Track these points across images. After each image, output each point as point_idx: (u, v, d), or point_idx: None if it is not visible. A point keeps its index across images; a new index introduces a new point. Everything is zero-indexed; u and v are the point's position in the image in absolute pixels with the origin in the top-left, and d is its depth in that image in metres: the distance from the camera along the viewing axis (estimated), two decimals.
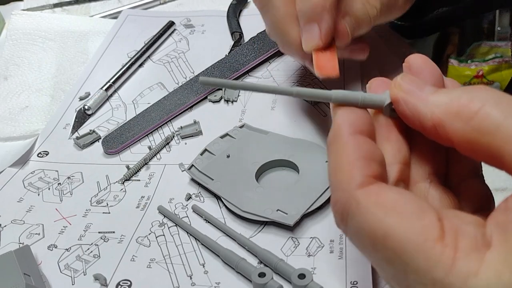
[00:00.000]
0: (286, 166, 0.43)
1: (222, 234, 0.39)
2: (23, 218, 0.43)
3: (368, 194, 0.24)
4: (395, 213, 0.23)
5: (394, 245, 0.22)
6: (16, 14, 0.67)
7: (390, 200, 0.23)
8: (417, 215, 0.23)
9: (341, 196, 0.25)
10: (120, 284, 0.37)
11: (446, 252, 0.21)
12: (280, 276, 0.35)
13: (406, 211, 0.23)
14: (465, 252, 0.21)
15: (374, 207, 0.23)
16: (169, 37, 0.64)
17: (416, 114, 0.25)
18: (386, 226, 0.23)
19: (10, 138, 0.52)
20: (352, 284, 0.34)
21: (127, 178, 0.45)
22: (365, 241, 0.24)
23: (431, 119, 0.25)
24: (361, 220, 0.24)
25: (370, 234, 0.23)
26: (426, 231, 0.22)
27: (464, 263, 0.21)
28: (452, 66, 1.39)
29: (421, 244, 0.22)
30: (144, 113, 0.51)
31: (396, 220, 0.23)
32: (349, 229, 0.25)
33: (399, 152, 0.27)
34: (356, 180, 0.24)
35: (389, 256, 0.23)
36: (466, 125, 0.23)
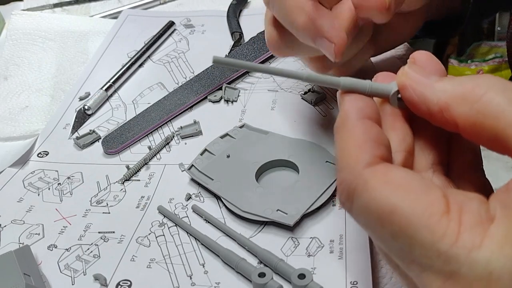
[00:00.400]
0: (286, 166, 0.43)
1: (222, 234, 0.39)
2: (23, 218, 0.43)
3: (375, 172, 0.24)
4: (402, 190, 0.23)
5: (400, 220, 0.23)
6: (16, 14, 0.67)
7: (397, 178, 0.24)
8: (423, 192, 0.23)
9: (348, 175, 0.25)
10: (120, 284, 0.37)
11: (451, 225, 0.22)
12: (280, 276, 0.35)
13: (413, 188, 0.24)
14: (469, 226, 0.22)
15: (381, 184, 0.24)
16: (169, 37, 0.64)
17: (422, 99, 0.26)
18: (393, 202, 0.23)
19: (10, 138, 0.52)
20: (352, 284, 0.34)
21: (127, 178, 0.45)
22: (372, 217, 0.24)
23: (437, 103, 0.25)
24: (368, 197, 0.24)
25: (377, 210, 0.24)
26: (432, 206, 0.23)
27: (468, 236, 0.22)
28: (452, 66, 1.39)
29: (427, 218, 0.22)
30: (144, 113, 0.52)
31: (403, 196, 0.23)
32: (354, 208, 0.25)
33: (404, 140, 0.28)
34: (364, 159, 0.25)
35: (395, 231, 0.23)
36: (471, 109, 0.24)
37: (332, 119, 0.48)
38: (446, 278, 0.22)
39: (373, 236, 0.25)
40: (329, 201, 0.40)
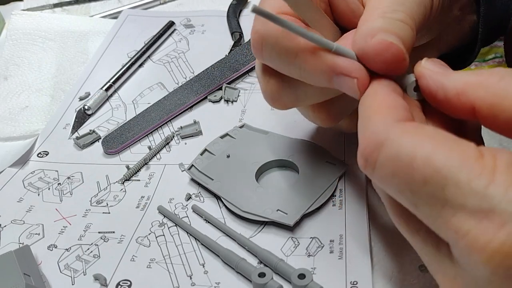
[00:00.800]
0: (286, 166, 0.43)
1: (222, 234, 0.39)
2: (23, 218, 0.43)
3: (407, 125, 0.25)
4: (435, 138, 0.24)
5: (435, 163, 0.23)
6: (16, 14, 0.67)
7: (429, 131, 0.24)
8: (457, 141, 0.24)
9: (378, 129, 0.25)
10: (120, 284, 0.37)
11: (487, 166, 0.22)
12: (280, 276, 0.35)
13: (446, 138, 0.24)
14: (505, 167, 0.22)
15: (414, 134, 0.24)
16: (169, 37, 0.64)
17: (440, 85, 0.27)
18: (428, 147, 0.23)
19: (10, 138, 0.52)
20: (352, 284, 0.34)
21: (127, 178, 0.45)
22: (402, 164, 0.24)
23: (455, 88, 0.26)
24: (400, 144, 0.24)
25: (410, 156, 0.24)
26: (467, 151, 0.23)
27: (505, 175, 0.22)
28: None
29: (463, 160, 0.23)
30: (144, 113, 0.52)
31: (438, 143, 0.24)
32: (380, 160, 0.25)
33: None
34: (394, 115, 0.25)
35: (429, 174, 0.23)
36: (488, 92, 0.25)
37: None
38: (481, 217, 0.22)
39: (400, 186, 0.25)
40: (329, 201, 0.40)
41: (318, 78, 0.31)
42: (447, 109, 0.27)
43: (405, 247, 0.36)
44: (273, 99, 0.35)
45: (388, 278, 0.35)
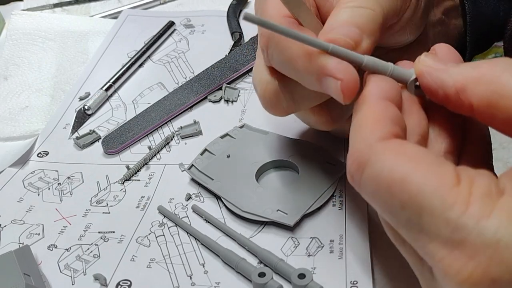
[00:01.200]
0: (286, 166, 0.43)
1: (222, 234, 0.39)
2: (23, 218, 0.43)
3: (389, 145, 0.25)
4: (414, 161, 0.24)
5: (411, 188, 0.23)
6: (16, 14, 0.67)
7: (409, 151, 0.25)
8: (435, 164, 0.24)
9: (361, 146, 0.26)
10: (120, 284, 0.37)
11: (461, 196, 0.22)
12: (280, 276, 0.35)
13: (425, 160, 0.24)
14: (480, 197, 0.22)
15: (394, 155, 0.24)
16: (169, 37, 0.64)
17: (439, 83, 0.27)
18: (405, 171, 0.24)
19: (10, 138, 0.52)
20: (352, 284, 0.34)
21: (127, 178, 0.45)
22: (382, 186, 0.24)
23: (454, 85, 0.26)
24: (380, 166, 0.24)
25: (388, 179, 0.24)
26: (443, 177, 0.23)
27: (478, 206, 0.22)
28: None
29: (438, 188, 0.23)
30: (144, 113, 0.52)
31: (415, 166, 0.24)
32: (364, 178, 0.25)
33: (419, 124, 0.29)
34: (379, 133, 0.26)
35: (405, 199, 0.23)
36: (487, 89, 0.24)
37: None
38: (453, 247, 0.22)
39: (381, 207, 0.25)
40: (329, 201, 0.40)
41: (310, 80, 0.31)
42: (447, 105, 0.27)
43: None
44: (271, 105, 0.35)
45: (388, 278, 0.35)
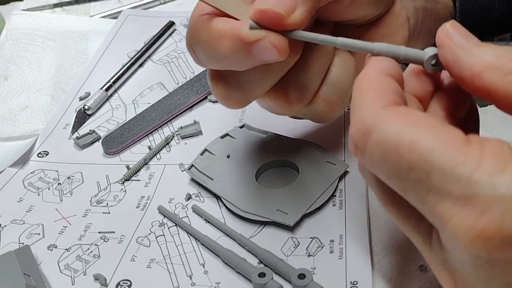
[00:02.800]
0: (286, 166, 0.43)
1: (222, 234, 0.39)
2: (23, 218, 0.43)
3: (393, 111, 0.25)
4: (422, 124, 0.24)
5: (420, 148, 0.23)
6: (16, 14, 0.67)
7: (416, 116, 0.24)
8: (443, 126, 0.24)
9: (366, 114, 0.25)
10: (120, 284, 0.37)
11: (473, 153, 0.22)
12: (280, 276, 0.35)
13: (433, 124, 0.24)
14: (492, 154, 0.22)
15: (401, 119, 0.24)
16: (169, 37, 0.64)
17: (457, 62, 0.26)
18: (414, 132, 0.23)
19: (10, 138, 0.52)
20: (352, 284, 0.34)
21: (127, 178, 0.45)
22: (389, 149, 0.24)
23: (471, 69, 0.25)
24: (388, 130, 0.24)
25: (396, 141, 0.24)
26: (453, 137, 0.23)
27: (491, 161, 0.22)
28: None
29: (449, 146, 0.22)
30: (144, 113, 0.52)
31: (424, 128, 0.23)
32: (370, 144, 0.25)
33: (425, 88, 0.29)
34: (382, 101, 0.25)
35: (414, 159, 0.23)
36: (504, 79, 0.24)
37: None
38: (464, 204, 0.22)
39: (388, 171, 0.25)
40: (329, 201, 0.40)
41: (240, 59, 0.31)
42: (461, 84, 0.27)
43: (405, 247, 0.36)
44: (224, 99, 0.35)
45: (388, 278, 0.35)
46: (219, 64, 0.33)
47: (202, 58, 0.34)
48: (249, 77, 0.33)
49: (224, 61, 0.32)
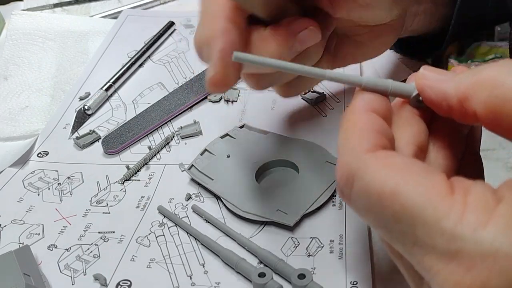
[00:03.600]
0: (286, 166, 0.43)
1: (222, 234, 0.39)
2: (23, 218, 0.43)
3: (376, 157, 0.24)
4: (404, 171, 0.23)
5: (403, 200, 0.22)
6: (16, 14, 0.67)
7: (398, 162, 0.24)
8: (426, 174, 0.23)
9: (349, 159, 0.25)
10: (120, 284, 0.37)
11: (456, 205, 0.22)
12: (280, 276, 0.35)
13: (415, 170, 0.23)
14: (475, 206, 0.21)
15: (383, 166, 0.24)
16: (169, 37, 0.64)
17: (441, 94, 0.26)
18: (395, 183, 0.23)
19: (10, 138, 0.52)
20: (352, 284, 0.34)
21: (127, 178, 0.45)
22: (372, 200, 0.24)
23: (456, 94, 0.25)
24: (369, 179, 0.24)
25: (378, 191, 0.23)
26: (436, 186, 0.22)
27: (474, 215, 0.21)
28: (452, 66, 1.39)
29: (431, 198, 0.22)
30: (144, 113, 0.52)
31: (406, 178, 0.23)
32: (354, 192, 0.25)
33: (418, 135, 0.28)
34: (365, 145, 0.25)
35: (398, 211, 0.23)
36: (490, 94, 0.23)
37: (332, 119, 0.48)
38: (450, 259, 0.21)
39: (374, 221, 0.25)
40: (329, 201, 0.40)
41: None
42: (453, 116, 0.26)
43: None
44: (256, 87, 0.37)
45: (388, 278, 0.35)
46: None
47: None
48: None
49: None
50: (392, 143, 0.27)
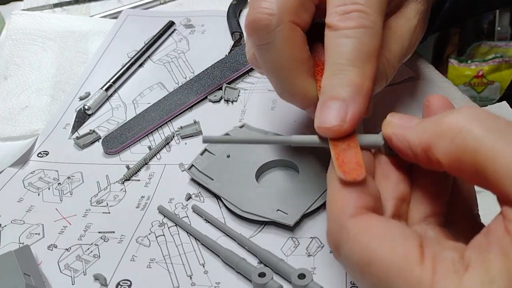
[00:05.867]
0: (286, 166, 0.43)
1: (222, 234, 0.39)
2: (23, 218, 0.43)
3: (357, 223, 0.25)
4: (379, 239, 0.24)
5: (377, 270, 0.24)
6: (16, 14, 0.67)
7: (376, 228, 0.25)
8: (399, 241, 0.24)
9: (334, 226, 0.26)
10: (120, 284, 0.37)
11: (425, 275, 0.22)
12: (280, 276, 0.35)
13: (390, 237, 0.24)
14: (443, 274, 0.22)
15: (361, 234, 0.25)
16: (169, 37, 0.64)
17: (406, 144, 0.27)
18: (371, 252, 0.24)
19: (10, 138, 0.52)
20: (352, 284, 0.34)
21: (127, 178, 0.45)
22: (355, 268, 0.25)
23: (419, 144, 0.26)
24: (350, 247, 0.25)
25: (358, 260, 0.25)
26: (407, 256, 0.23)
27: (442, 284, 0.22)
28: (452, 66, 1.39)
29: (401, 268, 0.23)
30: (144, 113, 0.52)
31: (380, 246, 0.24)
32: (341, 258, 0.26)
33: (397, 188, 0.29)
34: (348, 210, 0.26)
35: (375, 281, 0.24)
36: (451, 144, 0.24)
37: None
38: None
39: (359, 286, 0.26)
40: None
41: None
42: (420, 164, 0.27)
43: None
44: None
45: None
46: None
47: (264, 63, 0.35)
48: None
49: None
50: (377, 198, 0.27)
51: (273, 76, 0.35)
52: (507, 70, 1.35)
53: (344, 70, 0.30)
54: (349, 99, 0.29)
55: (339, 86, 0.30)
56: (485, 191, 0.24)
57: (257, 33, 0.33)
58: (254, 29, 0.33)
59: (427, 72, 0.51)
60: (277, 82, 0.35)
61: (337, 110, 0.29)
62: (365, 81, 0.30)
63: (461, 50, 1.44)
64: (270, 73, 0.35)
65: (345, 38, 0.30)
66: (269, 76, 0.36)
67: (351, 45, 0.30)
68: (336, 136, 0.30)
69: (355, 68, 0.30)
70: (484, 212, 0.29)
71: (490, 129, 0.23)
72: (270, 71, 0.35)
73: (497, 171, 0.22)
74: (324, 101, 0.30)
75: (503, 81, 1.35)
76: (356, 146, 0.29)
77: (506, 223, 0.22)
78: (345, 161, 0.28)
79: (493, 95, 1.37)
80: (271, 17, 0.32)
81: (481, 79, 1.36)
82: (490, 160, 0.22)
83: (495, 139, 0.23)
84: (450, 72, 1.37)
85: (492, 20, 1.40)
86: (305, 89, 0.34)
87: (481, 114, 0.24)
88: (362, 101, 0.30)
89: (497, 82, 1.36)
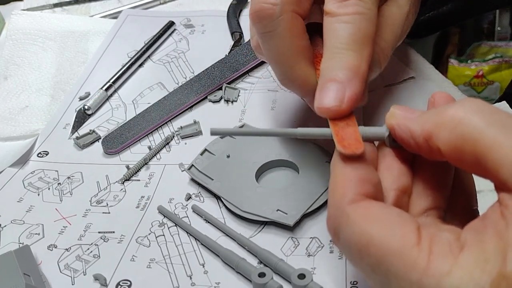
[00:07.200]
0: (286, 166, 0.43)
1: (222, 234, 0.39)
2: (23, 218, 0.43)
3: (357, 208, 0.26)
4: (377, 223, 0.25)
5: (376, 251, 0.24)
6: (16, 14, 0.67)
7: (374, 213, 0.25)
8: (397, 224, 0.25)
9: (334, 211, 0.27)
10: (120, 284, 0.37)
11: (421, 255, 0.23)
12: (280, 276, 0.35)
13: (388, 221, 0.25)
14: (439, 254, 0.23)
15: (360, 218, 0.25)
16: (169, 37, 0.64)
17: (409, 134, 0.27)
18: (369, 234, 0.25)
19: (10, 138, 0.52)
20: (352, 284, 0.34)
21: (127, 178, 0.45)
22: (353, 251, 0.25)
23: (421, 134, 0.26)
24: (350, 231, 0.25)
25: (357, 244, 0.25)
26: (404, 237, 0.24)
27: (438, 264, 0.22)
28: (452, 66, 1.39)
29: (399, 250, 0.23)
30: (144, 113, 0.52)
31: (378, 229, 0.25)
32: (340, 242, 0.27)
33: (398, 179, 0.29)
34: (348, 196, 0.27)
35: (373, 263, 0.24)
36: (452, 133, 0.25)
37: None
38: None
39: (359, 269, 0.26)
40: None
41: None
42: (422, 154, 0.28)
43: None
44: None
45: None
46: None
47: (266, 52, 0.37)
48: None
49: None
50: (377, 188, 0.28)
51: (275, 63, 0.37)
52: (507, 70, 1.35)
53: (342, 53, 0.32)
54: (347, 81, 0.31)
55: (337, 68, 0.32)
56: (485, 191, 0.24)
57: (261, 21, 0.35)
58: (259, 18, 0.35)
59: (427, 72, 0.51)
60: (278, 69, 0.37)
61: (335, 91, 0.31)
62: (361, 63, 0.32)
63: (461, 50, 1.44)
64: (272, 59, 0.37)
65: (342, 23, 0.32)
66: (271, 63, 0.38)
67: (348, 30, 0.32)
68: (334, 116, 0.31)
69: (352, 51, 0.32)
70: (484, 212, 0.29)
71: (490, 120, 0.24)
72: (272, 57, 0.37)
73: (496, 160, 0.23)
74: (323, 83, 0.32)
75: (503, 81, 1.35)
76: (355, 125, 0.31)
77: (502, 209, 0.23)
78: (344, 137, 0.30)
79: (493, 95, 1.37)
80: (274, 7, 0.34)
81: (481, 79, 1.36)
82: (490, 149, 0.23)
83: (495, 130, 0.23)
84: (450, 72, 1.37)
85: (492, 20, 1.40)
86: (305, 75, 0.36)
87: (482, 106, 0.25)
88: (359, 83, 0.31)
89: (497, 82, 1.36)
